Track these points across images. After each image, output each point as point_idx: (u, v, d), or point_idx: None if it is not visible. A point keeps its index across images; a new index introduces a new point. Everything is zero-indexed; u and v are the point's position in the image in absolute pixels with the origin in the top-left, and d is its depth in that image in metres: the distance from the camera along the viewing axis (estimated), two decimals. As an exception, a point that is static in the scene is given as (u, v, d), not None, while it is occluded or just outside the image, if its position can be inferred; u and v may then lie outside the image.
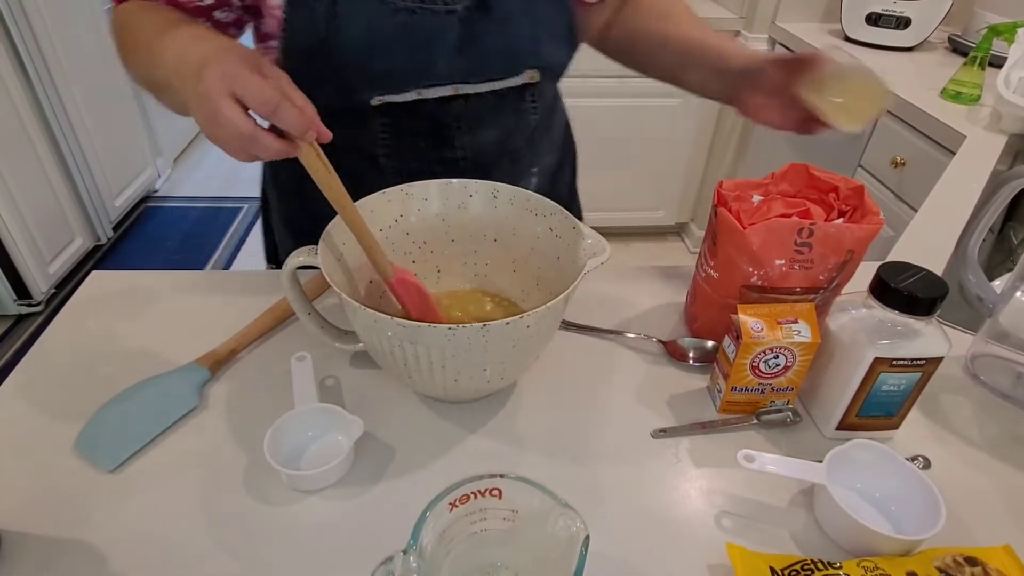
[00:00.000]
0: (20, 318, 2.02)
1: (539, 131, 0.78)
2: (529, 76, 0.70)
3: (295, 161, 0.50)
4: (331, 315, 0.63)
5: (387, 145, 0.71)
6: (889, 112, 1.47)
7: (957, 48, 1.74)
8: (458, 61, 0.65)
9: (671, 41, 0.74)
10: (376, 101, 0.66)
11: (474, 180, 0.64)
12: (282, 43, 0.63)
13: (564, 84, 0.81)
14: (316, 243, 0.55)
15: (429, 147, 0.71)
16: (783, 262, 0.59)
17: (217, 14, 0.64)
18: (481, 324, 0.47)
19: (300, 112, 0.46)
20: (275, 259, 0.91)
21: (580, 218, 0.93)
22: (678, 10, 0.76)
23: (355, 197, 0.55)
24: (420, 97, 0.66)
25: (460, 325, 0.47)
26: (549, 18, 0.68)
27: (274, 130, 0.47)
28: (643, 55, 0.79)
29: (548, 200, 0.62)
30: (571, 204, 0.92)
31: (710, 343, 0.67)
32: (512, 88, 0.70)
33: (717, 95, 0.70)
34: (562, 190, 0.89)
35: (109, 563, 0.46)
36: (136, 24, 0.59)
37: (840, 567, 0.44)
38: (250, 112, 0.46)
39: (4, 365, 1.86)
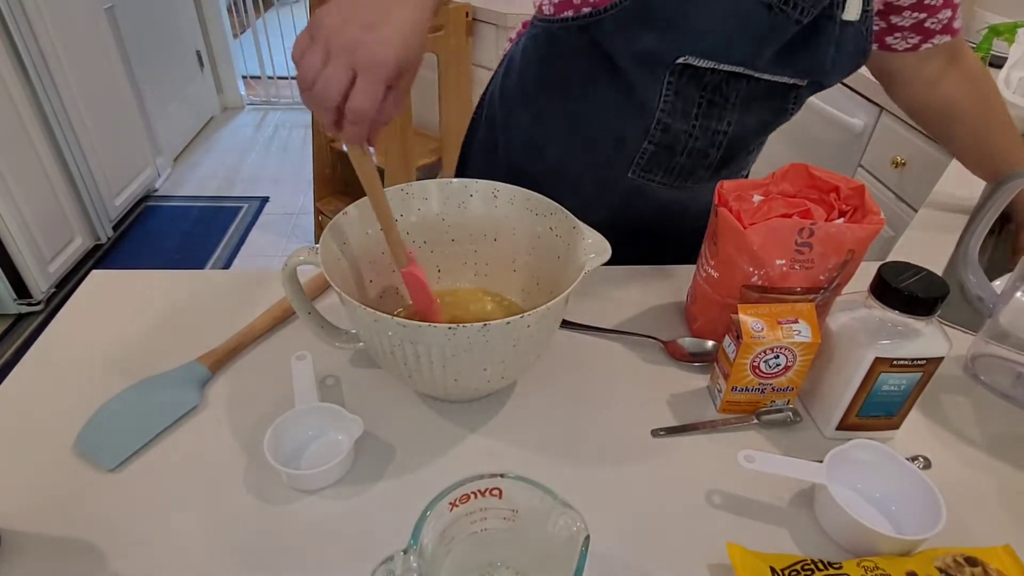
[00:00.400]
0: (20, 317, 2.02)
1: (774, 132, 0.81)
2: (799, 79, 0.71)
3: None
4: (331, 314, 0.63)
5: (668, 102, 0.72)
6: (889, 112, 1.47)
7: (957, 48, 1.74)
8: (768, 62, 0.67)
9: (975, 138, 0.84)
10: (681, 61, 0.67)
11: (474, 180, 0.64)
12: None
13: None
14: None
15: (700, 113, 0.73)
16: (783, 262, 0.59)
17: None
18: (482, 324, 0.47)
19: (361, 130, 0.44)
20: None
21: None
22: (995, 104, 0.82)
23: (615, 151, 0.61)
24: (716, 67, 0.67)
25: (461, 325, 0.47)
26: (847, 52, 0.69)
27: None
28: (952, 135, 0.87)
29: (548, 199, 0.62)
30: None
31: (710, 343, 0.67)
32: (784, 84, 0.71)
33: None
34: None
35: (109, 562, 0.46)
36: None
37: (840, 567, 0.44)
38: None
39: (4, 364, 1.86)
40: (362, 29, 0.41)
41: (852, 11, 0.66)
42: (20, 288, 1.98)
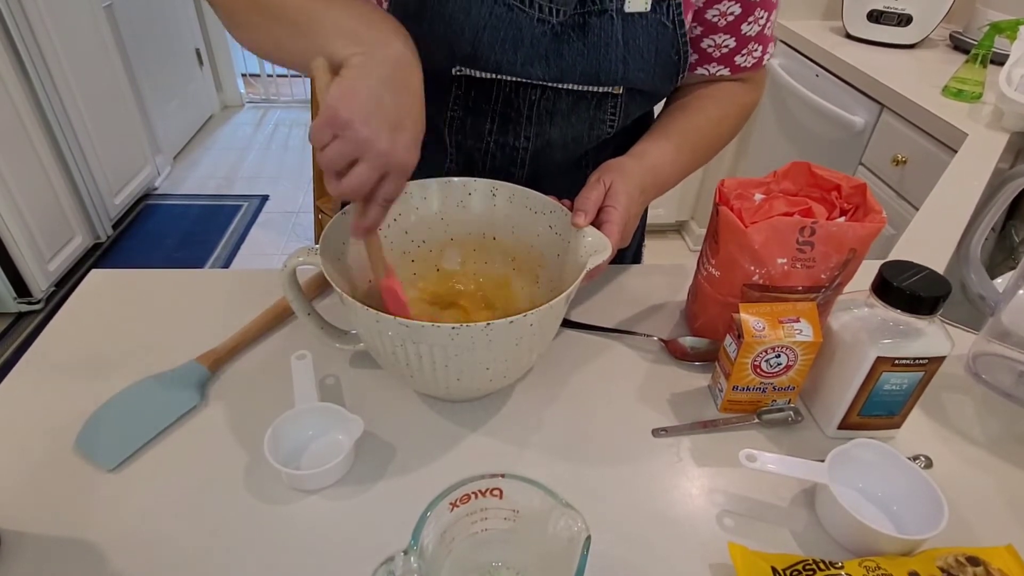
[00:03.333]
0: (20, 316, 2.02)
1: (611, 147, 0.74)
2: (614, 88, 0.67)
3: None
4: (330, 314, 0.63)
5: (455, 118, 0.70)
6: (890, 110, 1.47)
7: (959, 45, 1.74)
8: (541, 65, 0.64)
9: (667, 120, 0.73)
10: (456, 71, 0.65)
11: (473, 178, 0.64)
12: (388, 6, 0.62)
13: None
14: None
15: (494, 129, 0.70)
16: (785, 261, 0.59)
17: None
18: (485, 323, 0.47)
19: (360, 222, 0.50)
20: None
21: (641, 252, 0.92)
22: (712, 106, 0.73)
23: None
24: (499, 77, 0.65)
25: (463, 324, 0.47)
26: (648, 48, 0.64)
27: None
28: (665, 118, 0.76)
29: (548, 198, 0.62)
30: (636, 243, 0.89)
31: (711, 342, 0.66)
32: (593, 93, 0.67)
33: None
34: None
35: (109, 562, 0.46)
36: None
37: (842, 567, 0.44)
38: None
39: (4, 363, 1.86)
40: (390, 133, 0.46)
41: (637, 2, 0.61)
42: (20, 287, 1.98)
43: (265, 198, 2.79)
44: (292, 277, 0.56)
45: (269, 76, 3.69)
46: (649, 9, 0.62)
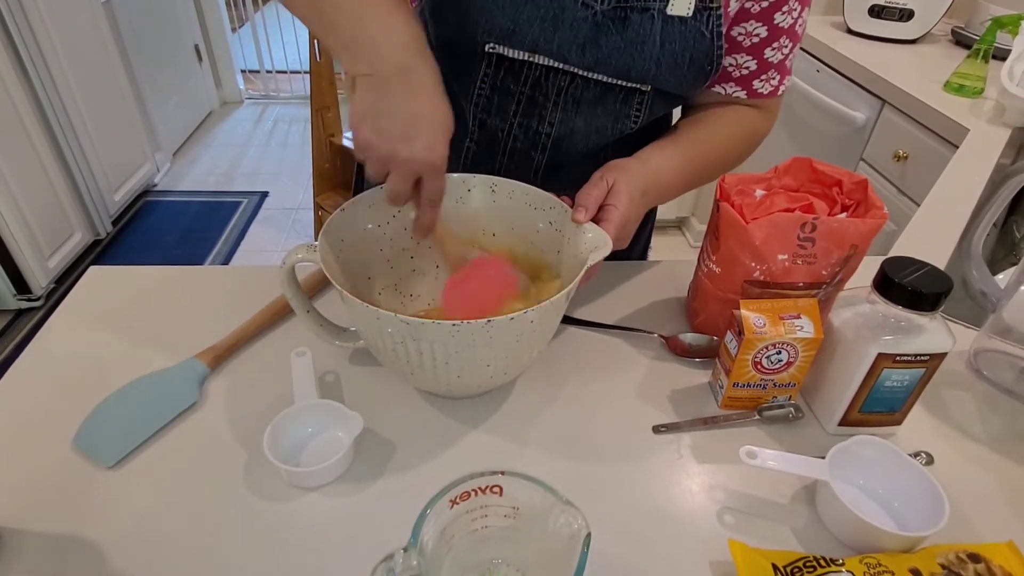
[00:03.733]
0: (19, 313, 2.02)
1: (631, 143, 0.72)
2: (640, 83, 0.67)
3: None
4: (330, 311, 0.63)
5: (481, 96, 0.70)
6: (892, 105, 1.46)
7: (960, 41, 1.73)
8: (576, 51, 0.64)
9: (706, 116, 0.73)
10: (489, 48, 0.65)
11: (472, 174, 0.64)
12: None
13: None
14: None
15: (520, 111, 0.70)
16: (786, 257, 0.59)
17: None
18: (485, 320, 0.46)
19: (417, 224, 0.57)
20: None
21: (651, 218, 0.94)
22: (723, 128, 0.73)
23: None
24: (531, 59, 0.65)
25: (464, 321, 0.46)
26: (683, 54, 0.64)
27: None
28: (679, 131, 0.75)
29: (547, 194, 0.61)
30: (642, 245, 0.91)
31: (712, 338, 0.66)
32: (622, 87, 0.67)
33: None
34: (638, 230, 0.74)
35: (108, 560, 0.46)
36: None
37: (843, 564, 0.44)
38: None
39: (4, 360, 1.86)
40: (406, 142, 0.50)
41: (680, 6, 0.61)
42: (20, 284, 1.98)
43: (265, 195, 2.79)
44: (291, 274, 0.56)
45: (268, 72, 3.68)
46: (691, 15, 0.62)
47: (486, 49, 0.66)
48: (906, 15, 1.71)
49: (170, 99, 2.95)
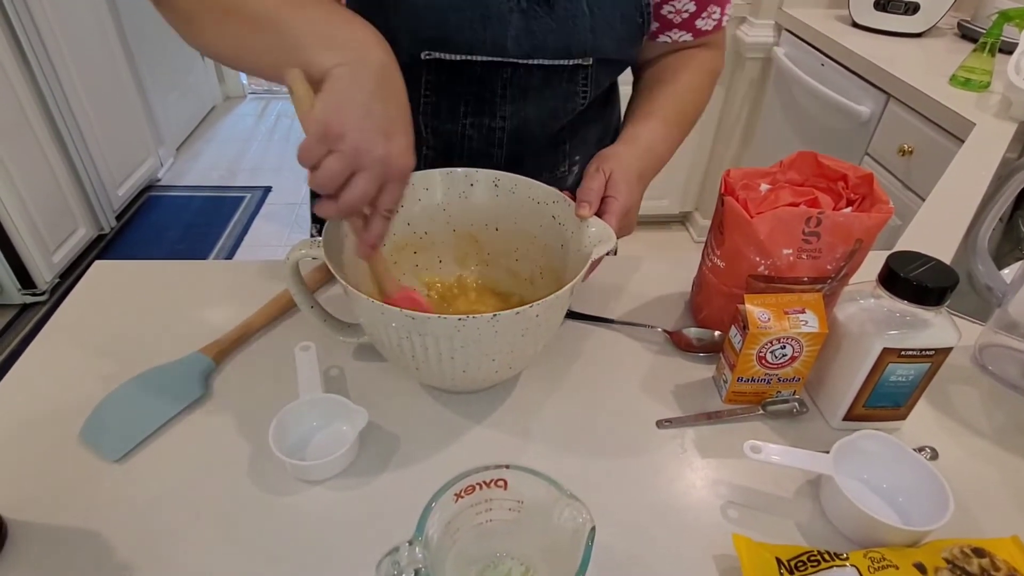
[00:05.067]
0: (24, 307, 2.03)
1: (586, 119, 0.75)
2: (581, 59, 0.68)
3: None
4: (334, 305, 0.63)
5: (429, 103, 0.70)
6: (897, 99, 1.45)
7: (967, 34, 1.72)
8: (512, 43, 0.64)
9: (663, 74, 0.74)
10: (426, 55, 0.65)
11: (476, 169, 0.64)
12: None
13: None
14: None
15: (469, 111, 0.70)
16: (790, 251, 0.58)
17: None
18: (491, 314, 0.46)
19: (365, 238, 0.50)
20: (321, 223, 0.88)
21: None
22: (685, 75, 0.74)
23: None
24: (470, 58, 0.65)
25: (469, 316, 0.46)
26: (613, 15, 0.65)
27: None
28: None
29: (551, 188, 0.61)
30: None
31: (716, 333, 0.66)
32: (564, 67, 0.68)
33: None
34: None
35: (113, 552, 0.46)
36: None
37: (847, 558, 0.44)
38: None
39: (9, 355, 1.87)
40: (385, 140, 0.45)
41: None
42: (24, 278, 1.98)
43: (268, 189, 2.79)
44: (295, 269, 0.56)
45: (271, 67, 3.67)
46: None
47: (422, 57, 0.65)
48: (912, 8, 1.70)
49: (173, 94, 2.95)
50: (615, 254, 0.86)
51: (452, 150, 0.73)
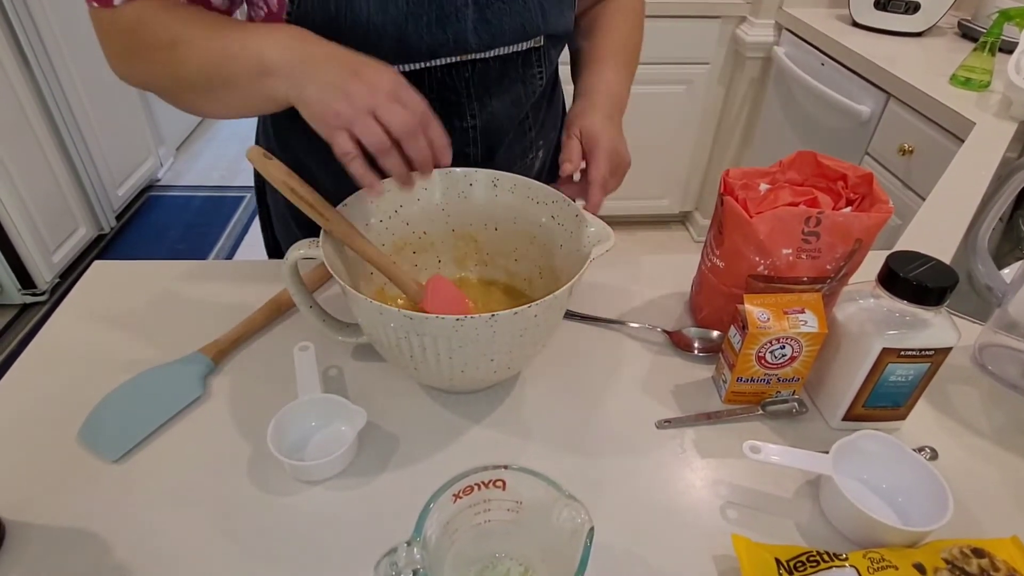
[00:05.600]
0: (24, 307, 2.03)
1: (544, 100, 0.78)
2: (534, 41, 0.69)
3: (294, 152, 0.50)
4: (332, 305, 0.63)
5: None
6: (897, 99, 1.45)
7: (967, 33, 1.72)
8: (470, 36, 0.64)
9: (591, 15, 0.79)
10: None
11: (474, 168, 0.64)
12: (288, 19, 0.61)
13: (569, 70, 0.80)
14: (317, 235, 0.54)
15: (440, 116, 0.69)
16: (790, 251, 0.58)
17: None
18: (489, 315, 0.46)
19: (427, 147, 0.53)
20: (277, 254, 0.91)
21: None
22: (618, 19, 0.78)
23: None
24: (428, 65, 0.65)
25: (467, 316, 0.46)
26: None
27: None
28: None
29: (549, 188, 0.61)
30: None
31: (715, 333, 0.66)
32: (518, 53, 0.69)
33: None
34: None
35: (112, 553, 0.46)
36: (164, 22, 0.57)
37: (846, 558, 0.44)
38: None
39: (9, 355, 1.87)
40: (354, 77, 0.50)
41: None
42: (24, 278, 1.98)
43: (268, 189, 2.78)
44: (294, 270, 0.56)
45: (271, 67, 3.67)
46: None
47: None
48: (912, 8, 1.70)
49: (173, 94, 2.94)
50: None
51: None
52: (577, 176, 0.67)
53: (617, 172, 0.68)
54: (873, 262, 0.57)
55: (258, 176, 0.88)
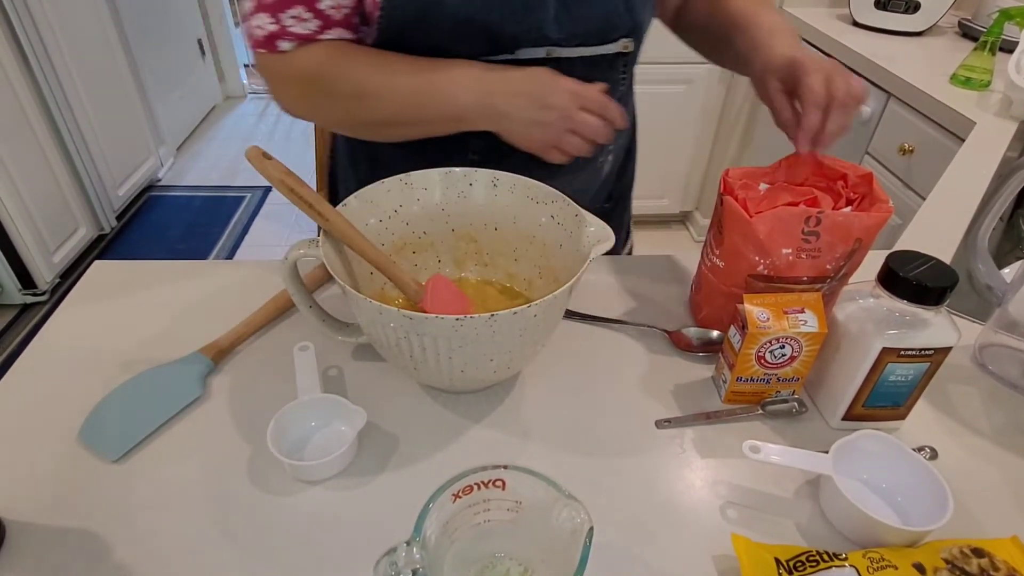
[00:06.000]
0: (25, 307, 2.03)
1: (622, 106, 0.76)
2: (623, 45, 0.69)
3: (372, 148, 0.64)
4: (332, 305, 0.63)
5: None
6: (897, 98, 1.45)
7: (967, 33, 1.72)
8: (554, 27, 0.64)
9: (721, 17, 0.73)
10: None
11: (474, 168, 0.64)
12: (380, 22, 0.62)
13: (641, 72, 0.79)
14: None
15: None
16: (790, 251, 0.58)
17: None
18: (488, 314, 0.46)
19: (618, 106, 0.60)
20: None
21: (629, 209, 0.95)
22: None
23: (435, 163, 0.63)
24: (513, 58, 0.65)
25: (467, 316, 0.46)
26: None
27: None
28: (705, 38, 0.79)
29: (549, 188, 0.61)
30: (628, 193, 0.93)
31: (715, 333, 0.66)
32: (604, 56, 0.68)
33: (751, 77, 0.69)
34: (628, 176, 0.90)
35: (112, 552, 0.46)
36: (344, 72, 0.62)
37: (846, 558, 0.44)
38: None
39: (10, 355, 1.87)
40: (542, 108, 0.59)
41: None
42: (25, 279, 1.98)
43: (268, 189, 2.78)
44: (293, 269, 0.56)
45: (271, 67, 3.67)
46: None
47: None
48: (913, 7, 1.69)
49: (173, 94, 2.95)
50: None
51: (504, 160, 0.71)
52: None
53: (834, 75, 0.59)
54: (873, 262, 0.57)
55: (336, 160, 0.89)
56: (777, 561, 0.44)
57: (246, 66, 3.68)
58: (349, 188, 0.83)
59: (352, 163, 0.82)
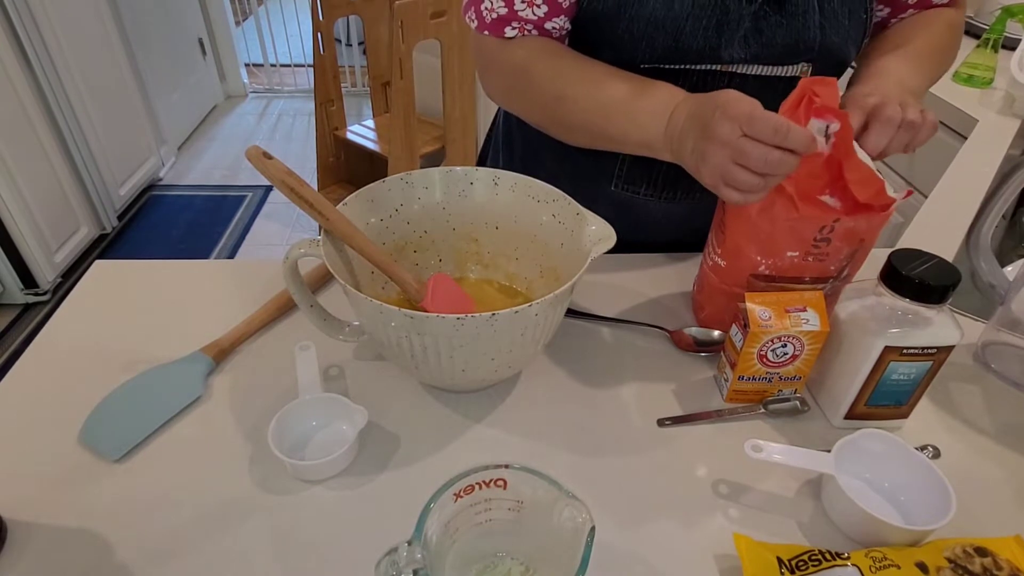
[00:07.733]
0: (27, 307, 2.03)
1: None
2: (801, 70, 0.67)
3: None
4: (334, 304, 0.63)
5: None
6: (899, 96, 1.44)
7: (970, 30, 1.71)
8: (738, 44, 0.63)
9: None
10: (645, 66, 0.65)
11: (475, 168, 0.64)
12: (576, 14, 0.63)
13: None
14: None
15: None
16: (796, 254, 0.58)
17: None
18: (489, 313, 0.46)
19: (790, 159, 0.50)
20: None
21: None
22: (917, 23, 0.71)
23: (593, 164, 0.67)
24: (687, 67, 0.64)
25: (468, 315, 0.46)
26: (842, 11, 0.64)
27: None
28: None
29: (550, 186, 0.61)
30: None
31: (717, 332, 0.66)
32: (780, 77, 0.66)
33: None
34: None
35: (114, 552, 0.46)
36: (551, 75, 0.63)
37: (848, 557, 0.43)
38: None
39: (12, 354, 1.87)
40: (707, 141, 0.52)
41: None
42: (27, 278, 1.99)
43: (269, 189, 2.78)
44: (294, 269, 0.56)
45: (272, 66, 3.67)
46: None
47: (640, 68, 0.64)
48: (914, 5, 1.69)
49: (174, 93, 2.95)
50: None
51: (652, 165, 0.72)
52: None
53: (906, 107, 0.57)
54: (875, 260, 0.57)
55: (496, 145, 0.90)
56: (779, 560, 0.44)
57: (247, 65, 3.68)
58: (498, 163, 0.88)
59: (507, 142, 0.85)
